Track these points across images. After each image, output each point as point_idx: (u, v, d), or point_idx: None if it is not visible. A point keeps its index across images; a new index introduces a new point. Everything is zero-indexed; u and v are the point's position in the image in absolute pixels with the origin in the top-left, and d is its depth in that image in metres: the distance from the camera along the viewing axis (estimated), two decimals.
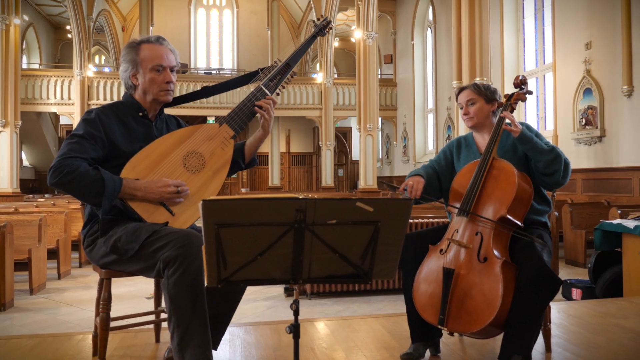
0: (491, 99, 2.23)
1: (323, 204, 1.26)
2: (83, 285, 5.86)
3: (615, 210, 5.82)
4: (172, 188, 1.82)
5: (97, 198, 1.76)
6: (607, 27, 7.63)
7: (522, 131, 2.04)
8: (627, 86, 7.20)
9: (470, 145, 2.31)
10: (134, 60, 1.96)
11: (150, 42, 1.97)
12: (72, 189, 1.77)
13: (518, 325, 1.82)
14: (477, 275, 1.89)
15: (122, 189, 1.78)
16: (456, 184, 2.16)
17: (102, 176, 1.75)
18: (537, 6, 9.93)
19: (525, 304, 1.81)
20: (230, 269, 1.34)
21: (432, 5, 13.91)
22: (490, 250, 1.90)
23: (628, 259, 4.14)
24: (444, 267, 1.96)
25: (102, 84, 14.93)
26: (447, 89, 12.86)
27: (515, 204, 1.97)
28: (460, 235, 2.00)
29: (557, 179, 2.05)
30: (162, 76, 1.96)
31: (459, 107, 2.30)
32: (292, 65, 2.14)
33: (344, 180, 20.10)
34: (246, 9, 19.66)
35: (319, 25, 2.22)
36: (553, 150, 2.03)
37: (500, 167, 2.05)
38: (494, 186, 2.02)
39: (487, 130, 2.26)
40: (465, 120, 2.28)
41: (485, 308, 1.83)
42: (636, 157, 7.19)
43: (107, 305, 1.91)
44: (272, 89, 2.09)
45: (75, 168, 1.75)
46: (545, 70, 9.59)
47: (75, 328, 4.14)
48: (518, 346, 1.82)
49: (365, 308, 4.73)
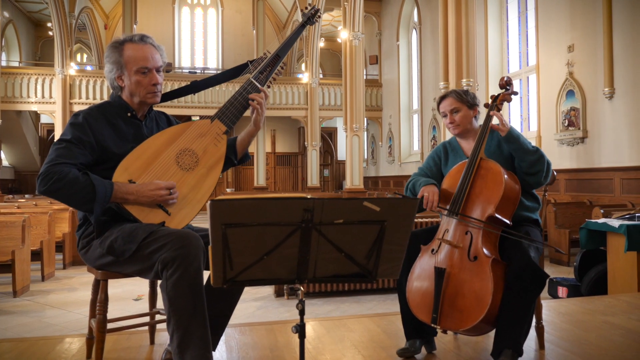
0: (473, 105, 2.29)
1: (331, 204, 1.27)
2: (68, 287, 5.76)
3: (598, 210, 5.95)
4: (164, 191, 1.78)
5: (88, 204, 1.72)
6: (589, 30, 7.79)
7: (510, 130, 2.09)
8: (608, 88, 7.35)
9: (456, 149, 2.35)
10: (118, 62, 1.91)
11: (134, 42, 1.91)
12: (62, 196, 1.73)
13: (508, 320, 1.86)
14: (468, 274, 1.92)
15: (114, 194, 1.74)
16: (445, 185, 2.19)
17: (93, 182, 1.71)
18: (521, 9, 10.09)
19: (514, 300, 1.85)
20: (236, 269, 1.33)
21: (417, 7, 14.01)
22: (480, 249, 1.93)
23: (612, 257, 4.23)
24: (436, 266, 1.99)
25: (85, 83, 14.68)
26: (432, 89, 12.96)
27: (503, 202, 2.00)
28: (450, 235, 2.04)
29: (539, 179, 2.11)
30: (148, 78, 1.91)
31: (442, 115, 2.33)
32: (281, 57, 2.10)
33: (330, 181, 20.12)
34: (231, 8, 19.54)
35: (307, 14, 2.20)
36: (537, 151, 2.09)
37: (487, 167, 2.08)
38: (482, 186, 2.05)
39: (472, 135, 2.31)
40: (450, 129, 2.30)
41: (476, 305, 1.86)
42: (617, 158, 7.35)
43: (104, 307, 1.88)
44: (263, 81, 2.06)
45: (65, 175, 1.71)
46: (528, 72, 9.74)
47: (62, 331, 4.07)
48: (509, 341, 1.86)
49: (356, 307, 4.75)
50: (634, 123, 7.01)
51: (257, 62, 2.09)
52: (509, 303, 1.84)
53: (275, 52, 2.09)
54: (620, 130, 7.27)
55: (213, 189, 1.96)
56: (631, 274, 4.03)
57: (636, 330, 2.53)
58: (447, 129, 7.17)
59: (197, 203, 1.90)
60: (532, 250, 1.94)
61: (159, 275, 1.72)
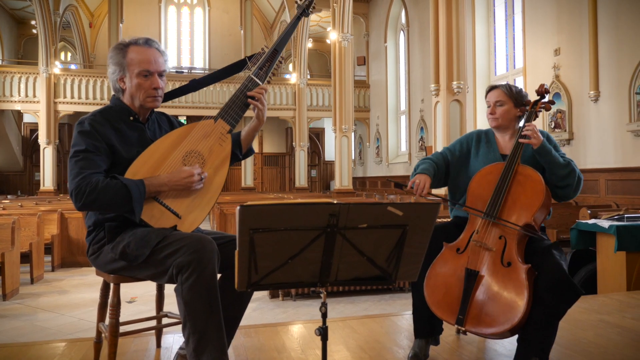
0: (520, 104, 2.21)
1: (356, 209, 1.29)
2: (58, 290, 5.68)
3: (586, 210, 6.07)
4: (196, 177, 1.82)
5: (127, 205, 1.73)
6: (575, 34, 7.95)
7: (542, 143, 2.05)
8: (593, 91, 7.52)
9: (490, 142, 2.28)
10: (120, 63, 1.90)
11: (139, 45, 1.91)
12: (100, 205, 1.74)
13: (537, 331, 1.83)
14: (501, 279, 1.89)
15: (147, 188, 1.76)
16: (475, 184, 2.12)
17: (124, 183, 1.73)
18: (508, 12, 10.25)
19: (545, 311, 1.82)
20: (260, 273, 1.35)
21: (405, 9, 14.12)
22: (515, 256, 1.91)
23: (602, 257, 4.33)
24: (467, 267, 1.95)
25: (70, 82, 14.47)
26: (419, 91, 13.08)
27: (540, 212, 1.99)
28: (484, 237, 1.99)
29: (568, 193, 2.09)
30: (149, 82, 1.91)
31: (487, 104, 2.26)
32: (279, 51, 2.09)
33: (317, 181, 20.15)
34: (218, 7, 19.45)
35: (302, 5, 2.16)
36: (569, 165, 2.06)
37: (526, 173, 2.04)
38: (520, 192, 2.02)
39: (510, 132, 2.24)
40: (489, 120, 2.24)
41: (508, 312, 1.83)
42: (602, 159, 7.52)
43: (117, 311, 1.87)
44: (263, 77, 2.05)
45: (95, 184, 1.73)
46: (515, 74, 9.89)
47: (56, 334, 4.02)
48: (537, 350, 1.84)
49: (351, 308, 4.78)
50: (619, 125, 7.18)
51: (256, 57, 2.08)
52: (539, 314, 1.81)
53: (273, 46, 2.08)
54: (605, 132, 7.44)
55: (221, 190, 1.97)
56: (620, 273, 4.14)
57: (631, 329, 2.61)
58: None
59: (206, 205, 1.90)
60: (563, 261, 1.90)
61: (173, 279, 1.72)
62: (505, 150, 2.23)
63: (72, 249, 6.98)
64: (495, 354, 2.29)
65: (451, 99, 7.01)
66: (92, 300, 5.13)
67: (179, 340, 2.49)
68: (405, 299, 5.08)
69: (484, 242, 1.98)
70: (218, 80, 2.22)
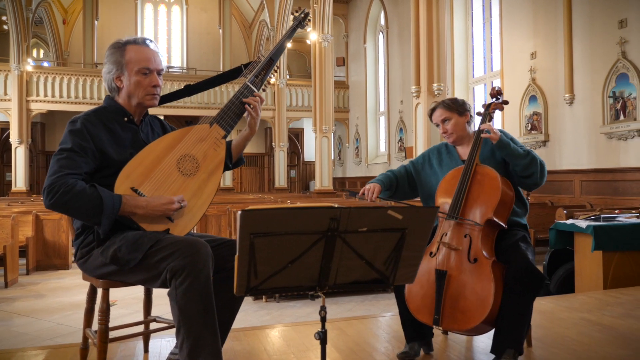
0: (463, 112, 2.34)
1: (356, 213, 1.30)
2: (34, 294, 5.53)
3: (562, 211, 6.23)
4: (176, 205, 1.77)
5: (96, 217, 1.69)
6: (551, 38, 8.15)
7: (500, 137, 2.17)
8: (568, 94, 7.72)
9: (451, 152, 2.42)
10: (118, 62, 1.88)
11: (137, 44, 1.91)
12: (70, 209, 1.70)
13: (509, 321, 1.94)
14: (469, 276, 1.99)
15: (122, 207, 1.72)
16: (441, 190, 2.25)
17: (100, 194, 1.69)
18: (485, 16, 10.43)
19: (514, 300, 1.93)
20: (260, 278, 1.34)
21: (384, 10, 14.23)
22: (480, 251, 2.01)
23: (579, 256, 4.45)
24: (437, 268, 2.05)
25: (43, 79, 14.09)
26: (399, 92, 13.20)
27: (500, 207, 2.09)
28: (449, 237, 2.10)
29: (535, 180, 2.19)
30: (149, 79, 1.90)
31: (435, 125, 2.40)
32: (275, 60, 2.13)
33: (297, 181, 20.12)
34: (196, 6, 19.22)
35: (298, 17, 2.23)
36: (529, 154, 2.17)
37: (484, 172, 2.16)
38: (479, 191, 2.13)
39: (466, 140, 2.37)
40: (445, 138, 2.37)
41: (479, 306, 1.93)
42: (576, 160, 7.73)
43: (106, 316, 1.83)
44: (258, 85, 2.08)
45: (71, 187, 1.68)
46: (493, 77, 10.08)
47: (35, 340, 3.91)
48: (510, 340, 1.94)
49: (335, 309, 4.79)
50: (592, 128, 7.39)
51: (252, 66, 2.11)
52: (510, 304, 1.92)
53: (269, 55, 2.12)
54: (580, 134, 7.64)
55: (214, 194, 1.95)
56: (597, 272, 4.25)
57: (611, 326, 2.69)
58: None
59: (199, 210, 1.89)
60: (529, 252, 2.02)
61: (166, 283, 1.70)
62: (464, 157, 2.35)
63: (47, 252, 6.80)
64: (484, 350, 2.33)
65: (432, 101, 7.11)
66: (70, 304, 5.01)
67: (166, 344, 2.45)
68: (388, 299, 5.11)
69: (451, 243, 2.07)
70: (213, 86, 2.24)
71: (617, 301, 3.28)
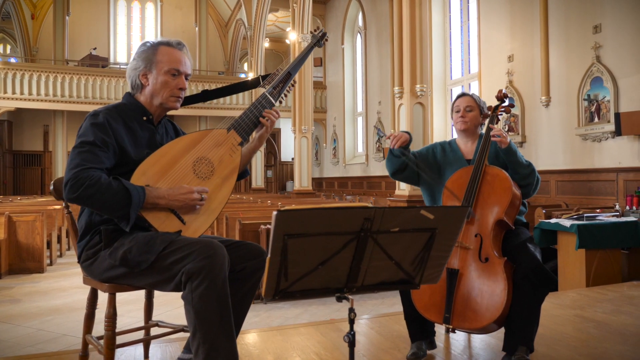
0: (483, 112, 2.40)
1: (390, 213, 1.28)
2: (9, 298, 5.30)
3: (541, 210, 6.39)
4: (196, 195, 1.75)
5: (123, 210, 1.64)
6: (527, 42, 8.34)
7: (510, 143, 2.21)
8: (545, 97, 7.92)
9: (455, 150, 2.44)
10: (149, 59, 1.86)
11: (171, 46, 1.90)
12: (95, 202, 1.65)
13: (520, 319, 1.96)
14: (481, 275, 2.01)
15: (146, 198, 1.67)
16: (448, 190, 2.24)
17: (126, 187, 1.65)
18: (463, 19, 10.60)
19: (525, 299, 1.96)
20: (290, 280, 1.31)
21: (362, 11, 14.30)
22: (491, 251, 2.03)
23: (563, 254, 4.57)
24: (448, 267, 2.06)
25: (11, 76, 13.57)
26: (377, 93, 13.28)
27: (510, 207, 2.12)
28: (460, 237, 2.09)
29: (528, 191, 2.25)
30: (177, 81, 1.88)
31: (455, 110, 2.40)
32: (292, 74, 2.16)
33: (273, 182, 20.02)
34: (171, 3, 18.89)
35: (317, 36, 2.31)
36: (530, 165, 2.23)
37: (494, 173, 2.18)
38: (490, 191, 2.15)
39: (472, 138, 2.40)
40: (459, 123, 2.38)
41: (491, 305, 1.95)
42: (552, 161, 7.93)
43: (113, 322, 1.76)
44: (276, 97, 2.10)
45: (96, 180, 1.64)
46: (470, 79, 10.25)
47: (14, 348, 3.75)
48: (522, 338, 1.97)
49: (324, 310, 4.77)
50: (567, 129, 7.60)
51: (270, 77, 2.14)
52: (520, 303, 1.95)
53: (287, 69, 2.15)
54: (555, 136, 7.85)
55: (227, 199, 1.93)
56: (580, 269, 4.37)
57: (606, 322, 2.76)
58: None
59: (212, 213, 1.87)
60: (537, 252, 2.06)
61: (180, 287, 1.65)
62: (468, 156, 2.38)
63: (21, 255, 6.54)
64: (487, 348, 2.35)
65: (414, 102, 7.16)
66: (49, 309, 4.84)
67: (166, 349, 2.39)
68: (376, 299, 5.13)
69: (462, 242, 2.08)
70: (229, 94, 2.28)
71: (605, 298, 3.37)
